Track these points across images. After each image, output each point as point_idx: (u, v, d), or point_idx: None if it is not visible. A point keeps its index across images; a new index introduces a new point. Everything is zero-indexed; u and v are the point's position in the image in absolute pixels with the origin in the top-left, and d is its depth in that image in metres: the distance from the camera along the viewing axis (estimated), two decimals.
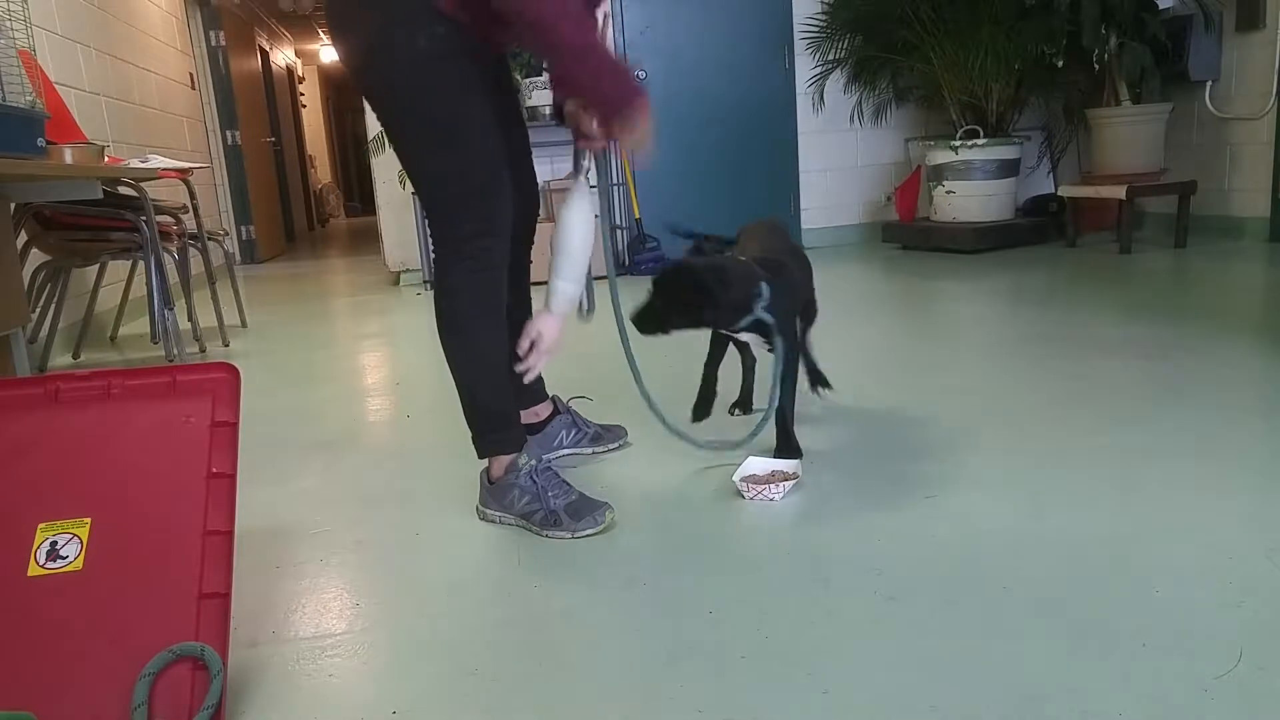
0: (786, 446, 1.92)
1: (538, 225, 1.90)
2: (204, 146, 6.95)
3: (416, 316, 4.31)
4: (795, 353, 1.98)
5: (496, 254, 1.64)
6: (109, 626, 1.14)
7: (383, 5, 1.50)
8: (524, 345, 1.78)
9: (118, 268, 4.07)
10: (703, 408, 2.06)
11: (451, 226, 1.62)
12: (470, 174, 1.58)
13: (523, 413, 1.85)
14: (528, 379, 1.84)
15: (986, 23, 4.83)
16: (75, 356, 3.69)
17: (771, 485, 1.72)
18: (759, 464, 1.81)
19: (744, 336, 1.96)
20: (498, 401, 1.70)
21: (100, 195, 2.78)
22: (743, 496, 1.73)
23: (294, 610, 1.42)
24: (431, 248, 1.66)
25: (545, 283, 1.75)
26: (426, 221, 1.65)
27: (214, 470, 1.28)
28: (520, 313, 1.87)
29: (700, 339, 2.02)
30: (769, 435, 1.94)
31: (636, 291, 1.88)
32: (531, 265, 1.91)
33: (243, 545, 1.43)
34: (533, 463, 1.68)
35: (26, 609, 1.15)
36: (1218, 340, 2.67)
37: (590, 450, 2.06)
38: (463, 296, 1.64)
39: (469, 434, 1.72)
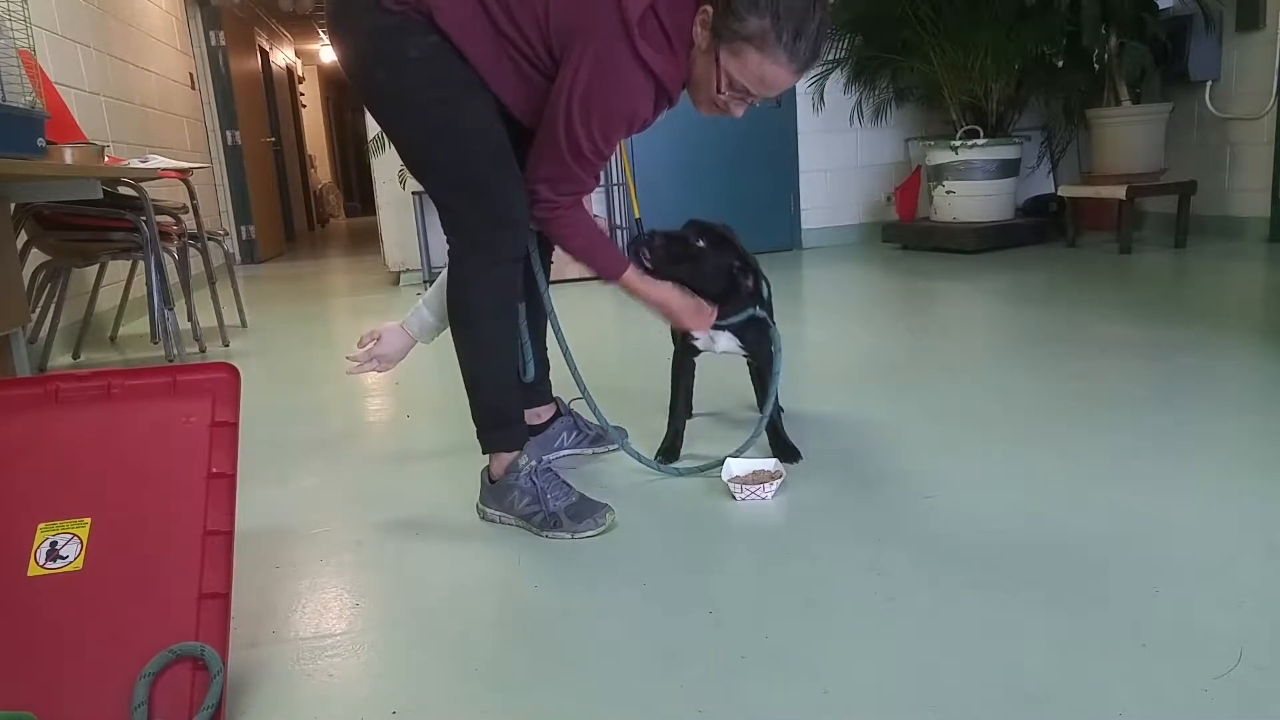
0: (784, 450, 1.92)
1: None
2: (204, 146, 6.94)
3: None
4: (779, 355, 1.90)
5: (510, 247, 1.62)
6: (109, 626, 1.14)
7: (377, 14, 1.49)
8: (364, 340, 1.88)
9: (118, 268, 4.07)
10: (673, 450, 1.96)
11: (459, 218, 1.61)
12: (473, 163, 1.57)
13: (526, 413, 1.85)
14: (348, 370, 1.90)
15: (986, 23, 4.83)
16: (75, 356, 3.69)
17: (763, 485, 1.72)
18: (739, 465, 1.81)
19: (721, 345, 1.89)
20: (500, 397, 1.70)
21: (100, 195, 2.77)
22: (734, 498, 1.73)
23: (294, 610, 1.42)
24: (446, 242, 1.65)
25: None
26: (440, 218, 1.64)
27: (214, 470, 1.28)
28: (534, 311, 1.87)
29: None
30: (743, 436, 1.94)
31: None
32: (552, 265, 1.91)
33: (243, 545, 1.42)
34: (533, 464, 1.68)
35: (26, 609, 1.15)
36: (1217, 340, 2.67)
37: (590, 451, 2.06)
38: (473, 289, 1.64)
39: (472, 430, 1.72)
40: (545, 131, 1.56)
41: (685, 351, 1.97)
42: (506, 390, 1.71)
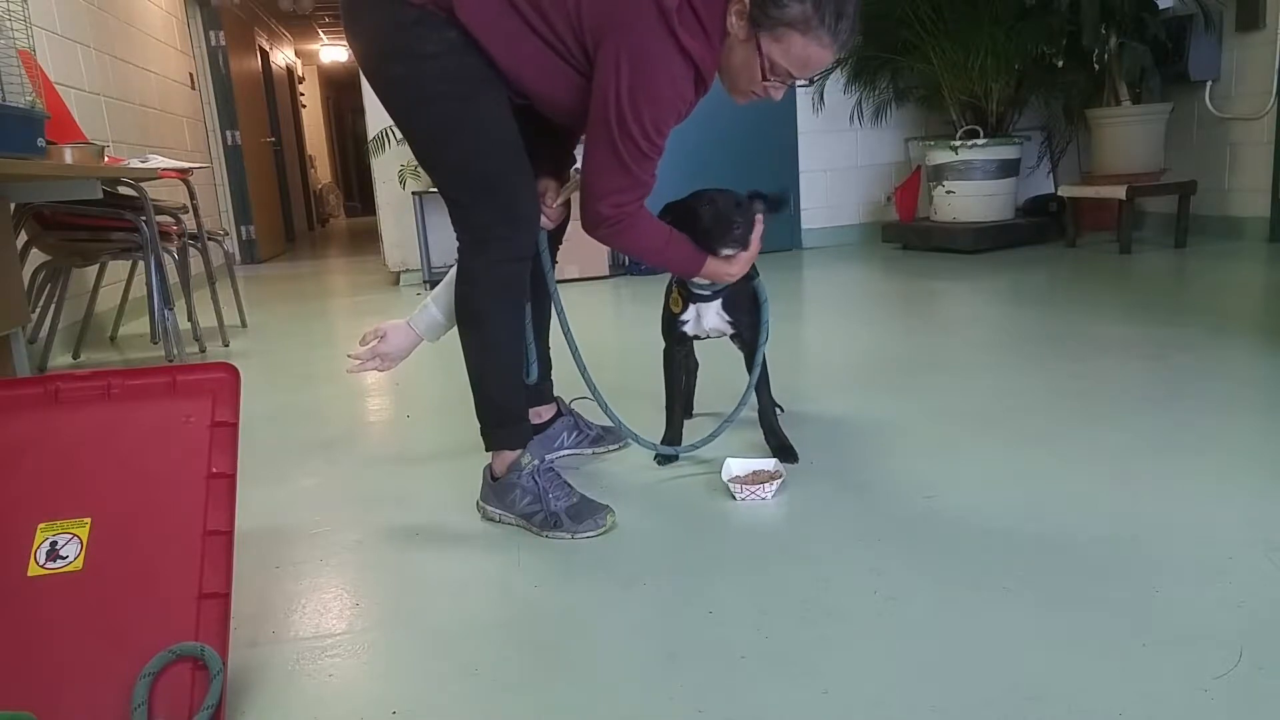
0: (782, 450, 1.91)
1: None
2: (204, 146, 6.94)
3: None
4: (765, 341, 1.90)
5: (518, 245, 1.62)
6: (109, 626, 1.14)
7: (396, 8, 1.49)
8: (368, 337, 1.86)
9: (118, 268, 4.07)
10: (675, 441, 1.97)
11: (469, 215, 1.61)
12: (484, 161, 1.57)
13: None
14: (349, 369, 1.89)
15: (986, 23, 4.83)
16: (75, 356, 3.69)
17: (763, 485, 1.72)
18: (739, 464, 1.81)
19: (708, 321, 1.88)
20: (504, 395, 1.70)
21: (100, 195, 2.78)
22: (734, 498, 1.73)
23: (294, 610, 1.42)
24: (456, 239, 1.65)
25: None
26: (449, 214, 1.64)
27: (214, 470, 1.28)
28: (538, 312, 1.87)
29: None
30: (742, 436, 1.94)
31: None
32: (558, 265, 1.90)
33: (243, 545, 1.43)
34: (535, 463, 1.68)
35: (26, 609, 1.15)
36: (1217, 340, 2.67)
37: (590, 451, 2.06)
38: (480, 286, 1.64)
39: (473, 430, 1.72)
40: (597, 140, 1.53)
41: (674, 342, 1.96)
42: (511, 388, 1.71)
